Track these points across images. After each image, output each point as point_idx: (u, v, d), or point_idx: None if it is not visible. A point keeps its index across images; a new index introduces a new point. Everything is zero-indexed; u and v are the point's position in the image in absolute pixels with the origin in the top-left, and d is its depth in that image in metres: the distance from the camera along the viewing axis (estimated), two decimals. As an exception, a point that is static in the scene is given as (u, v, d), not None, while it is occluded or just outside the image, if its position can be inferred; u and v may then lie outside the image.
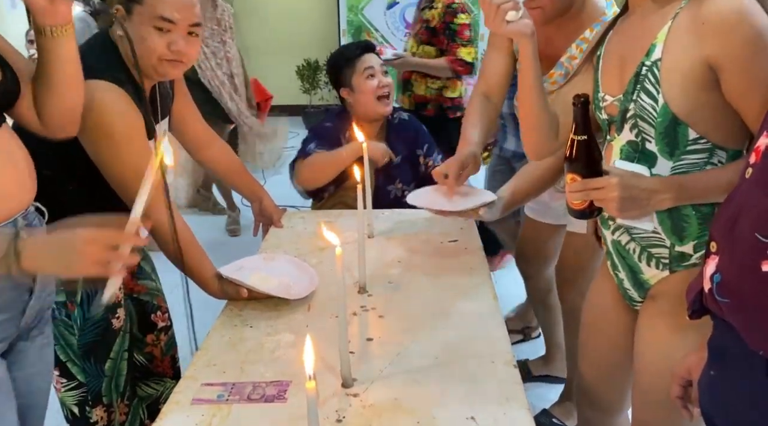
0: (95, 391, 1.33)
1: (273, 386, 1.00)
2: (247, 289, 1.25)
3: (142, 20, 1.21)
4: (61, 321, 1.28)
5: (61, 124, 1.08)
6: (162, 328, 1.52)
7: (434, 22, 2.51)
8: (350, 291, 1.31)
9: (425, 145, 1.98)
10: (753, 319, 0.71)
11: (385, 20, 5.57)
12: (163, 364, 1.53)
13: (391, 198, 1.93)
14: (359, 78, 1.88)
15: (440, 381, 1.01)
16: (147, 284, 1.50)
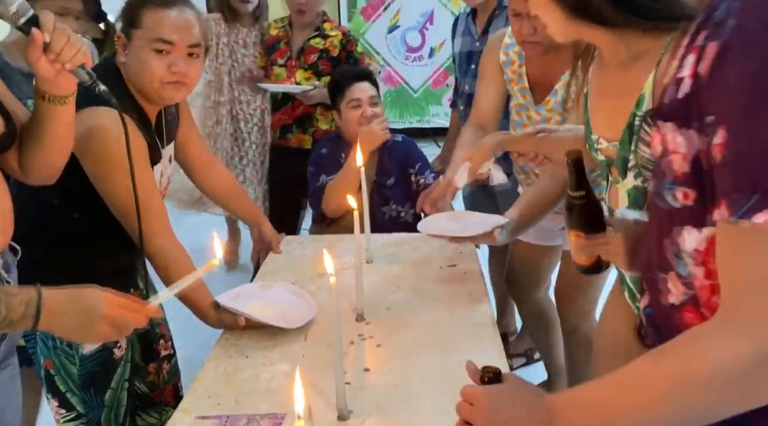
0: (95, 422, 1.31)
1: (268, 419, 0.98)
2: (245, 318, 1.24)
3: (142, 44, 1.22)
4: (62, 350, 1.27)
5: (41, 175, 1.08)
6: (165, 356, 1.51)
7: (335, 52, 2.43)
8: (348, 318, 1.30)
9: (417, 165, 2.00)
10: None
11: (386, 44, 5.64)
12: (165, 393, 1.51)
13: (385, 219, 1.94)
14: (346, 106, 1.93)
15: (440, 413, 0.99)
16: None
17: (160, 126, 1.36)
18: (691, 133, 0.63)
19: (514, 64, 1.61)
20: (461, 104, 2.22)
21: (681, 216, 0.66)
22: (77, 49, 0.92)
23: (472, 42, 2.15)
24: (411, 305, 1.37)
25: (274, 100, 2.48)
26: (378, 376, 1.10)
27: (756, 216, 0.55)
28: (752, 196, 0.55)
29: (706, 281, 0.65)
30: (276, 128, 2.50)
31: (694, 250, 0.65)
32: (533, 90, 1.60)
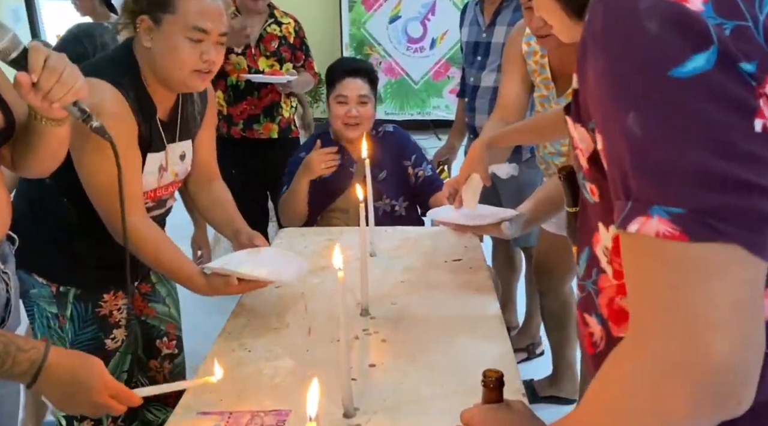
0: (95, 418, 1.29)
1: (272, 416, 0.96)
2: (237, 278, 1.16)
3: (175, 30, 1.17)
4: (54, 331, 1.26)
5: (34, 173, 1.07)
6: (167, 355, 1.48)
7: (291, 38, 2.40)
8: (352, 313, 1.27)
9: (413, 156, 1.94)
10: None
11: (387, 34, 5.59)
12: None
13: (379, 215, 1.89)
14: (333, 100, 1.89)
15: (446, 411, 0.96)
16: (157, 308, 1.46)
17: (175, 118, 1.31)
18: (583, 130, 0.59)
19: (536, 55, 1.58)
20: (467, 96, 2.18)
21: (597, 212, 0.63)
22: (68, 89, 0.88)
23: (479, 32, 2.12)
24: (416, 300, 1.35)
25: (235, 91, 2.35)
26: (384, 372, 1.08)
27: (630, 224, 0.50)
28: (627, 204, 0.51)
29: (614, 281, 0.61)
30: (239, 120, 2.38)
31: (605, 247, 0.62)
32: (556, 81, 1.57)
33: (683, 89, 0.48)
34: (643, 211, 0.49)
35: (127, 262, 1.08)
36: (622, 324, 0.62)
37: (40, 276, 1.24)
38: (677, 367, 0.48)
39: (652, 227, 0.49)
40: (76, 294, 1.26)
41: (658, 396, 0.49)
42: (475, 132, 2.06)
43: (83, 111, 0.94)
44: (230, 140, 2.40)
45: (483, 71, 2.07)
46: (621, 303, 0.61)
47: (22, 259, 1.23)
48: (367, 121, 1.89)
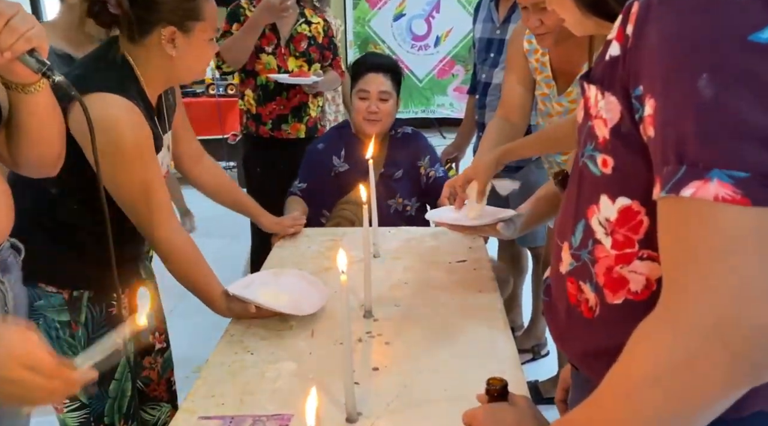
0: (98, 413, 1.29)
1: (274, 420, 0.95)
2: (256, 306, 1.22)
3: (204, 36, 1.21)
4: (64, 341, 1.25)
5: (35, 167, 1.01)
6: (159, 349, 1.48)
7: (320, 38, 2.41)
8: (355, 315, 1.26)
9: (427, 157, 1.96)
10: (553, 316, 0.76)
11: (391, 32, 5.57)
12: (160, 388, 1.49)
13: (391, 212, 1.90)
14: (355, 95, 1.90)
15: (450, 415, 0.95)
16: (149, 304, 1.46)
17: (161, 112, 1.33)
18: (613, 99, 0.59)
19: (537, 53, 1.57)
20: (478, 92, 2.16)
21: (601, 184, 0.63)
22: (18, 35, 0.78)
23: (492, 29, 2.09)
24: (419, 301, 1.34)
25: (264, 91, 2.37)
26: (387, 375, 1.07)
27: (684, 189, 0.49)
28: (680, 168, 0.50)
29: (612, 251, 0.63)
30: (268, 120, 2.40)
31: (606, 219, 0.63)
32: (557, 79, 1.56)
33: (760, 54, 0.48)
34: (700, 175, 0.49)
35: (112, 262, 1.07)
36: (619, 291, 0.64)
37: (50, 285, 1.23)
38: (716, 334, 0.47)
39: (710, 191, 0.48)
40: (89, 297, 1.25)
41: (694, 365, 0.48)
42: (485, 129, 2.04)
43: (41, 62, 0.82)
44: (258, 139, 2.43)
45: (495, 68, 2.05)
46: (621, 271, 0.63)
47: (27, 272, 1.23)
48: (387, 117, 1.89)
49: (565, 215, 0.72)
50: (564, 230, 0.71)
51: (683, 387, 0.49)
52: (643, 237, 0.61)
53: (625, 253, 0.62)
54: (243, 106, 2.44)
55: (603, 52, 0.62)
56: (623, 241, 0.62)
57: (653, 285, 0.62)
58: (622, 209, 0.61)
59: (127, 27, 1.19)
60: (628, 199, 0.61)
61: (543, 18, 1.35)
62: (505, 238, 1.37)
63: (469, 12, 5.32)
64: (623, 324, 0.57)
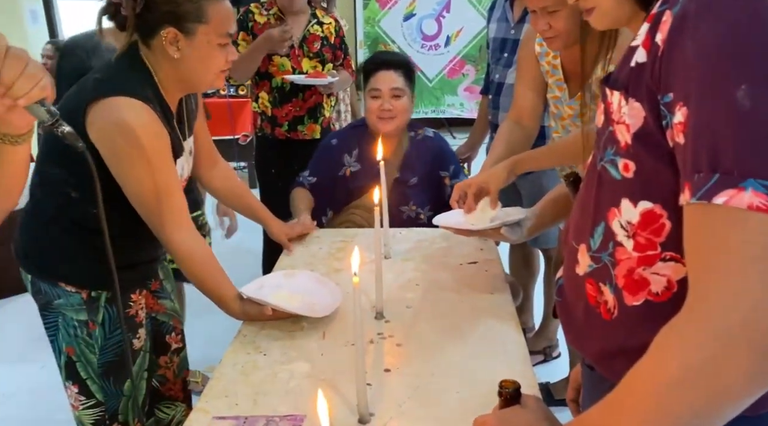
0: (113, 410, 1.31)
1: (287, 421, 0.96)
2: (271, 308, 1.22)
3: (209, 39, 1.20)
4: (82, 339, 1.27)
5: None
6: (175, 349, 1.50)
7: (332, 38, 2.43)
8: (367, 316, 1.27)
9: (451, 167, 1.91)
10: (568, 317, 0.77)
11: (401, 32, 5.56)
12: (175, 388, 1.50)
13: (404, 219, 1.87)
14: (367, 94, 1.88)
15: (462, 418, 0.96)
16: (166, 304, 1.48)
17: (182, 118, 1.34)
18: (638, 105, 0.60)
19: (549, 56, 1.56)
20: (491, 92, 2.16)
21: (621, 188, 0.64)
22: (35, 83, 0.74)
23: (507, 29, 2.08)
24: (431, 303, 1.34)
25: (280, 93, 2.38)
26: (399, 377, 1.08)
27: (716, 197, 0.51)
28: (712, 176, 0.51)
29: (634, 253, 0.64)
30: (284, 121, 2.41)
31: (628, 222, 0.64)
32: (568, 83, 1.55)
33: None
34: (733, 184, 0.50)
35: (111, 263, 1.01)
36: (639, 292, 0.65)
37: (69, 284, 1.25)
38: (742, 336, 0.49)
39: (744, 200, 0.49)
40: (107, 297, 1.27)
41: (719, 366, 0.49)
42: (497, 131, 2.04)
43: (52, 112, 0.79)
44: (274, 141, 2.44)
45: (509, 69, 2.04)
46: (643, 273, 0.64)
47: (47, 271, 1.24)
48: (402, 114, 1.85)
49: (582, 218, 0.72)
50: (581, 232, 0.71)
51: (709, 388, 0.50)
52: (665, 240, 0.62)
53: (648, 255, 0.63)
54: (257, 108, 2.46)
55: (627, 58, 0.62)
56: (645, 243, 0.63)
57: (674, 286, 0.63)
58: (645, 212, 0.62)
59: (137, 29, 1.20)
60: (650, 202, 0.62)
61: (551, 22, 1.35)
62: (511, 242, 1.37)
63: (479, 11, 5.30)
64: (642, 325, 0.57)
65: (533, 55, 1.60)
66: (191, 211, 2.01)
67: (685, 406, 0.51)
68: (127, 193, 1.20)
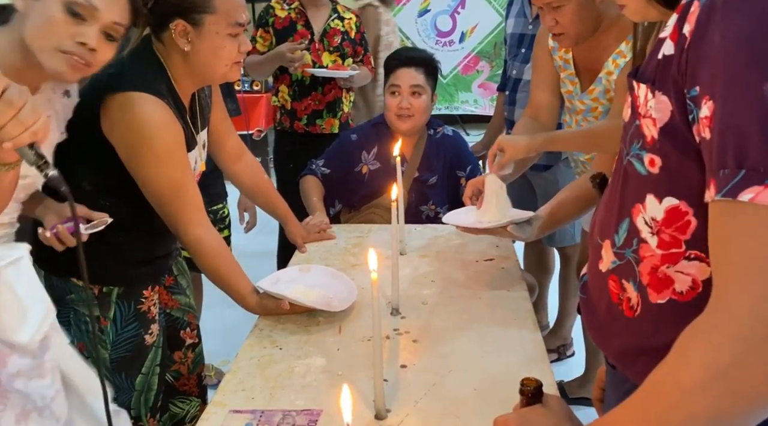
0: (125, 405, 1.31)
1: (303, 415, 0.96)
2: (289, 303, 1.22)
3: (217, 29, 1.18)
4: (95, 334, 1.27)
5: None
6: (190, 345, 1.50)
7: (353, 33, 2.41)
8: (383, 312, 1.26)
9: (468, 168, 1.89)
10: (591, 313, 0.76)
11: (416, 28, 5.54)
12: (190, 383, 1.51)
13: (423, 219, 1.86)
14: (387, 90, 1.86)
15: (479, 415, 0.95)
16: (180, 300, 1.48)
17: (195, 111, 1.34)
18: (664, 98, 0.58)
19: (561, 50, 1.55)
20: (507, 89, 2.14)
21: (647, 183, 0.63)
22: (25, 128, 0.75)
23: (525, 24, 2.07)
24: (447, 299, 1.33)
25: (300, 86, 2.38)
26: (415, 373, 1.07)
27: (742, 193, 0.49)
28: (738, 172, 0.50)
29: (657, 251, 0.63)
30: (303, 115, 2.42)
31: (652, 218, 0.63)
32: (580, 77, 1.54)
33: None
34: (760, 181, 0.49)
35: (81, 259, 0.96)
36: (663, 290, 0.64)
37: (81, 279, 1.26)
38: (765, 338, 0.48)
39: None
40: (119, 293, 1.27)
41: (746, 367, 0.48)
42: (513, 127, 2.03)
43: (39, 156, 0.79)
44: (293, 134, 2.45)
45: (526, 65, 2.02)
46: (667, 271, 0.63)
47: (59, 266, 1.25)
48: (421, 113, 1.82)
49: (607, 213, 0.71)
50: (606, 228, 0.70)
51: (733, 391, 0.49)
52: (690, 238, 0.61)
53: (672, 253, 0.62)
54: (277, 101, 2.46)
55: (655, 50, 0.61)
56: (670, 241, 0.62)
57: (699, 286, 0.61)
58: (670, 209, 0.61)
59: (148, 23, 1.20)
60: (675, 199, 0.61)
61: (557, 17, 1.34)
62: (520, 239, 1.37)
63: (494, 8, 5.26)
64: (665, 324, 0.56)
65: (547, 50, 1.59)
66: (215, 203, 2.04)
67: (708, 409, 0.51)
68: (142, 188, 1.21)
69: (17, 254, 1.00)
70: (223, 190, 2.12)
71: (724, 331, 0.50)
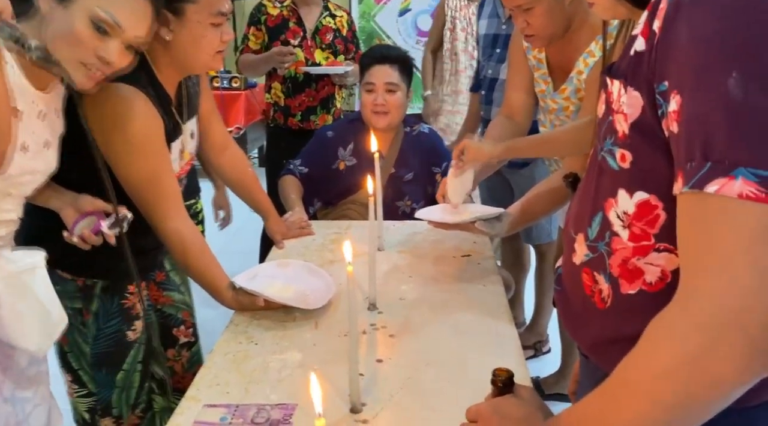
0: (105, 402, 1.30)
1: (278, 409, 0.96)
2: (264, 299, 1.22)
3: (199, 19, 1.17)
4: (76, 328, 1.25)
5: None
6: (184, 343, 1.48)
7: (344, 31, 2.45)
8: (360, 307, 1.26)
9: (444, 164, 1.90)
10: (566, 306, 0.77)
11: (397, 27, 5.55)
12: (184, 381, 1.46)
13: (399, 214, 1.87)
14: (363, 88, 1.87)
15: (454, 408, 0.95)
16: (173, 296, 1.46)
17: (181, 100, 1.32)
18: (636, 94, 0.59)
19: (535, 50, 1.57)
20: (483, 88, 2.15)
21: (619, 178, 0.64)
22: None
23: (498, 24, 2.09)
24: (424, 295, 1.34)
25: (293, 82, 2.39)
26: (391, 367, 1.07)
27: (708, 185, 0.50)
28: (704, 165, 0.51)
29: (629, 243, 0.64)
30: (297, 111, 2.43)
31: (624, 212, 0.64)
32: (553, 77, 1.56)
33: None
34: (725, 173, 0.50)
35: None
36: (634, 282, 0.65)
37: (65, 271, 1.23)
38: (734, 324, 0.49)
39: (735, 188, 0.49)
40: (102, 286, 1.25)
41: (712, 355, 0.49)
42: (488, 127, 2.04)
43: (12, 27, 0.77)
44: (287, 130, 2.45)
45: (502, 64, 2.04)
46: (637, 263, 0.64)
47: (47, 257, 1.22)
48: (396, 110, 1.83)
49: (581, 207, 0.72)
50: (580, 222, 0.72)
51: (699, 378, 0.50)
52: (659, 231, 0.62)
53: (642, 246, 0.63)
54: (270, 98, 2.47)
55: (628, 46, 0.62)
56: (640, 234, 0.63)
57: (668, 277, 0.63)
58: (640, 203, 0.62)
59: None
60: (645, 193, 0.62)
61: (528, 19, 1.36)
62: (490, 235, 1.39)
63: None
64: (636, 314, 0.58)
65: (522, 50, 1.61)
66: (187, 198, 2.01)
67: (676, 396, 0.52)
68: (119, 178, 1.19)
69: (33, 260, 1.01)
70: (196, 186, 2.10)
71: (690, 319, 0.51)
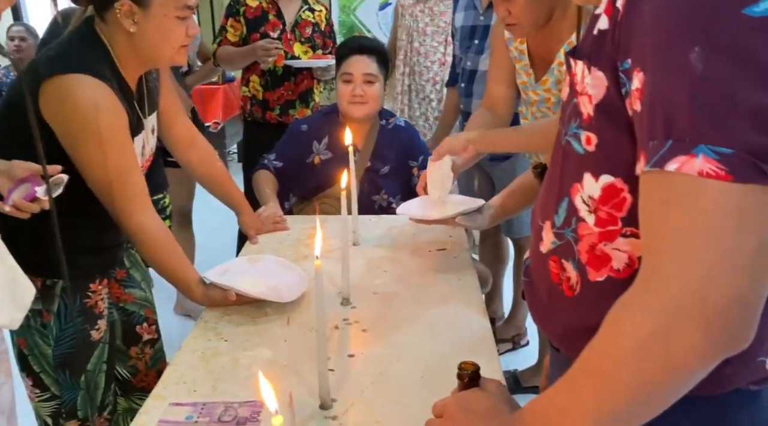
0: (70, 404, 1.26)
1: (246, 407, 0.94)
2: (236, 293, 1.19)
3: (165, 11, 1.14)
4: (36, 330, 1.21)
5: None
6: (148, 340, 1.45)
7: (323, 26, 2.45)
8: (333, 302, 1.25)
9: (420, 157, 1.89)
10: (534, 297, 0.76)
11: (377, 21, 5.52)
12: (148, 379, 1.45)
13: (375, 208, 1.86)
14: (339, 79, 1.84)
15: (425, 402, 0.94)
16: (135, 293, 1.43)
17: (142, 95, 1.29)
18: (600, 74, 0.58)
19: (516, 41, 1.56)
20: (462, 81, 2.14)
21: (584, 162, 0.63)
22: None
23: (476, 16, 2.07)
24: (398, 289, 1.32)
25: (272, 76, 2.36)
26: (363, 362, 1.06)
27: (668, 163, 0.49)
28: (666, 143, 0.50)
29: (595, 229, 0.63)
30: (275, 105, 2.40)
31: (589, 196, 0.63)
32: (535, 68, 1.55)
33: (753, 28, 0.47)
34: (685, 150, 0.49)
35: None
36: (601, 268, 0.64)
37: (26, 272, 1.20)
38: (693, 305, 0.48)
39: (695, 166, 0.48)
40: (63, 286, 1.22)
41: (671, 336, 0.49)
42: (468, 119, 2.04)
43: None
44: (265, 125, 2.42)
45: (482, 55, 2.03)
46: (604, 249, 0.63)
47: None
48: (374, 101, 1.81)
49: (548, 195, 0.71)
50: (546, 209, 0.70)
51: (660, 360, 0.50)
52: (626, 215, 0.61)
53: (608, 231, 0.62)
54: (247, 92, 2.43)
55: (591, 26, 0.61)
56: (606, 218, 0.62)
57: (635, 263, 0.62)
58: (606, 187, 0.61)
59: (91, 2, 1.15)
60: (611, 176, 0.61)
61: (509, 8, 1.35)
62: (472, 228, 1.39)
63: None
64: (604, 302, 0.57)
65: (503, 42, 1.60)
66: (155, 193, 1.98)
67: (637, 379, 0.51)
68: (83, 172, 1.16)
69: None
70: (163, 180, 2.07)
71: (653, 301, 0.50)
